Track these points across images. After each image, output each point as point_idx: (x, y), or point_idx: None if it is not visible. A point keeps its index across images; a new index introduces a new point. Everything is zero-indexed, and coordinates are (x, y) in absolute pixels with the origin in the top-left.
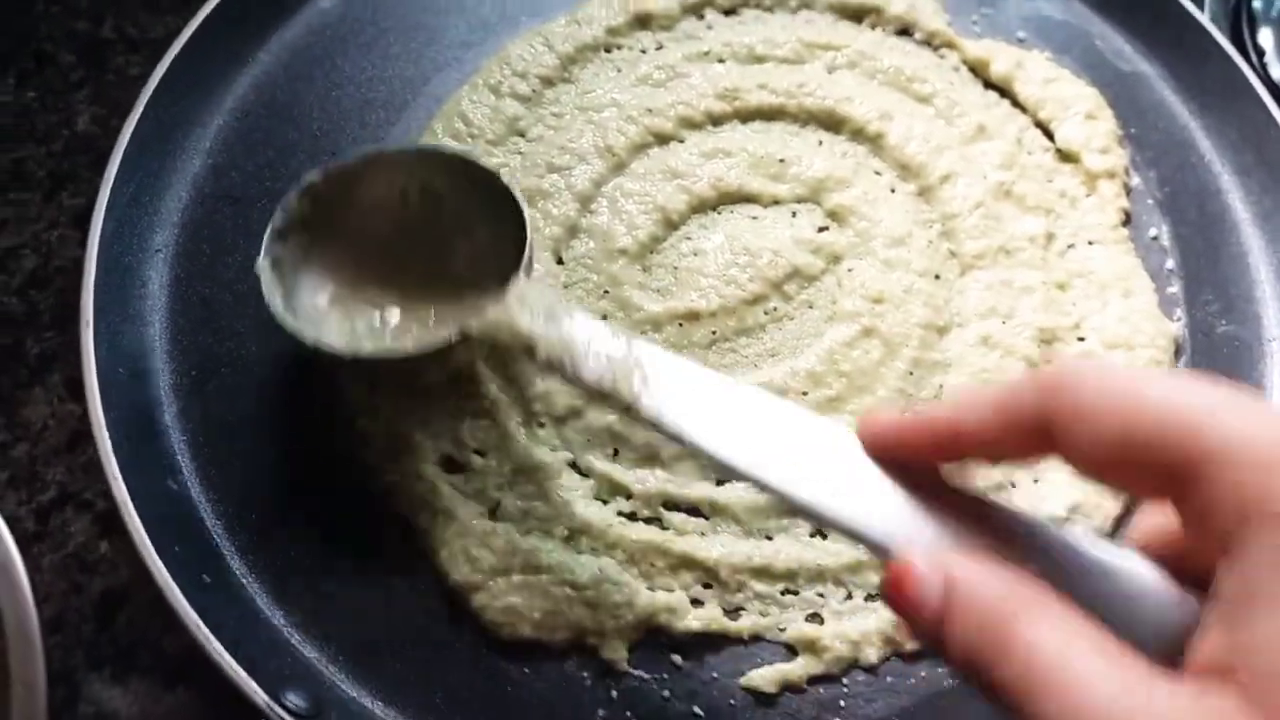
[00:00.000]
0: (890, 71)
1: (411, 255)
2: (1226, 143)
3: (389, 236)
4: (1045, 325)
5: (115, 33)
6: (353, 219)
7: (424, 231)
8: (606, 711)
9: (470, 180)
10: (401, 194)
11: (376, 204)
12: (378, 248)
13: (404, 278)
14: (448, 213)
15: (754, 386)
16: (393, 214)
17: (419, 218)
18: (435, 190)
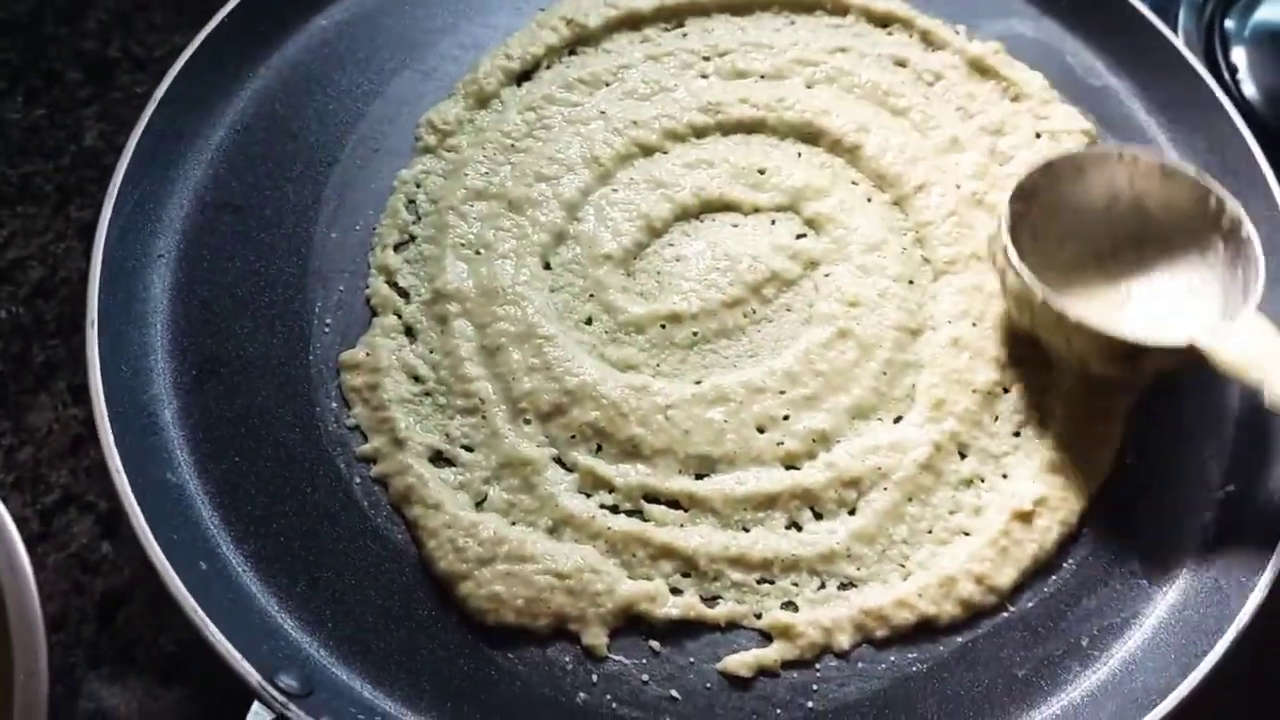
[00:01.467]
0: (867, 86)
1: (1112, 268)
2: (1194, 153)
3: (1087, 240)
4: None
5: (121, 52)
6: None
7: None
8: (587, 695)
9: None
10: (1110, 201)
11: (1086, 207)
12: (1077, 250)
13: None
14: (1154, 233)
15: None
16: (1099, 221)
17: (1120, 228)
18: (1145, 208)
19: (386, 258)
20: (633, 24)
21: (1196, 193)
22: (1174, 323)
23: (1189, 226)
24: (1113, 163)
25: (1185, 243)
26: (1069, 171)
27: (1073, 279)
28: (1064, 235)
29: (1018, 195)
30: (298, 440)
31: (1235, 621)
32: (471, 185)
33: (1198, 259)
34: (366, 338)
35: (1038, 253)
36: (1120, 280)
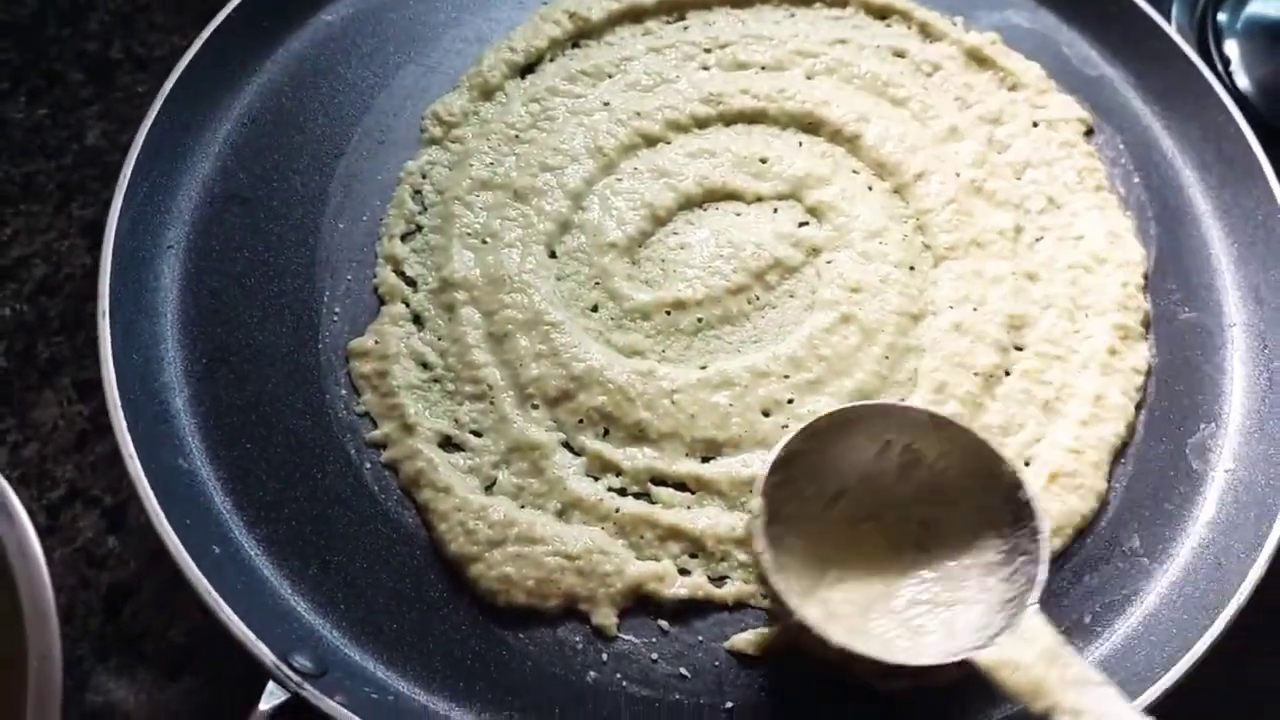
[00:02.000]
0: (867, 77)
1: (888, 522)
2: (1188, 141)
3: (864, 497)
4: (1014, 312)
5: (123, 52)
6: (835, 467)
7: (903, 499)
8: (598, 674)
9: (967, 457)
10: (882, 449)
11: (859, 459)
12: (852, 508)
13: (877, 548)
14: (929, 484)
15: None
16: (870, 473)
17: (899, 484)
18: (918, 454)
19: (393, 247)
20: (634, 17)
21: (974, 448)
22: (948, 624)
23: (966, 485)
24: (878, 419)
25: (966, 507)
26: (834, 433)
27: (838, 558)
28: (827, 505)
29: (778, 466)
30: (308, 427)
31: (1235, 598)
32: (477, 176)
33: (979, 526)
34: (375, 326)
35: (804, 521)
36: (890, 561)
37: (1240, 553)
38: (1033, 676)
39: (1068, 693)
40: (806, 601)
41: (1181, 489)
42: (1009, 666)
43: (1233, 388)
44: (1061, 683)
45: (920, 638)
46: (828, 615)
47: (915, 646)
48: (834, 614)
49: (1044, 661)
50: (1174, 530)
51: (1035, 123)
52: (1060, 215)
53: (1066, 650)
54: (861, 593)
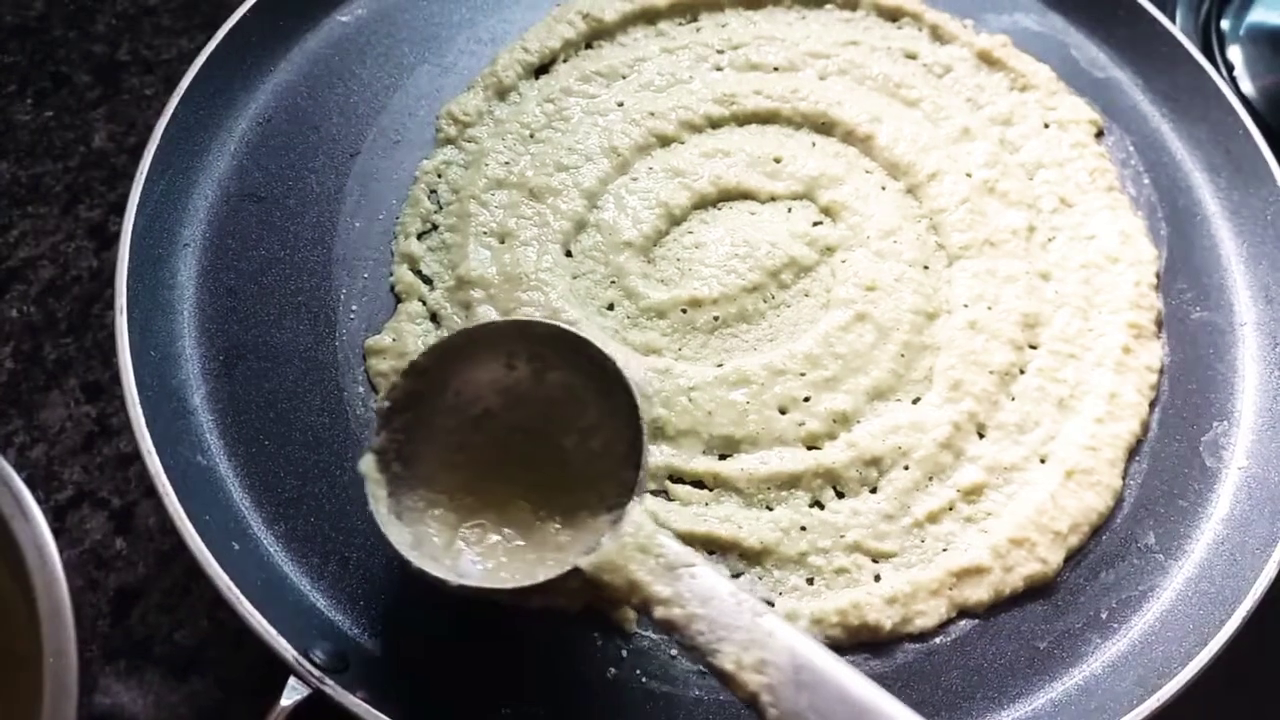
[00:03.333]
0: (879, 78)
1: (519, 442)
2: (1196, 142)
3: (496, 420)
4: (1028, 310)
5: (130, 55)
6: (458, 398)
7: (531, 414)
8: (617, 670)
9: (583, 365)
10: (507, 365)
11: (481, 381)
12: (484, 437)
13: (511, 470)
14: (557, 396)
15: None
16: (497, 392)
17: (527, 397)
18: (543, 363)
19: (410, 246)
20: (648, 18)
21: (580, 345)
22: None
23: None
24: (489, 337)
25: (595, 408)
26: (450, 361)
27: (494, 479)
28: (472, 430)
29: (394, 410)
30: (326, 424)
31: (1251, 594)
32: (492, 175)
33: (603, 426)
34: (392, 323)
35: (448, 453)
36: (537, 472)
37: (1255, 548)
38: (627, 573)
39: (658, 582)
40: (459, 534)
41: (1196, 486)
42: (608, 568)
43: (1245, 385)
44: (654, 573)
45: (557, 554)
46: (486, 550)
47: (540, 563)
48: (467, 542)
49: (638, 554)
50: (1189, 527)
51: (1046, 124)
52: (1072, 215)
53: (662, 536)
54: (517, 512)
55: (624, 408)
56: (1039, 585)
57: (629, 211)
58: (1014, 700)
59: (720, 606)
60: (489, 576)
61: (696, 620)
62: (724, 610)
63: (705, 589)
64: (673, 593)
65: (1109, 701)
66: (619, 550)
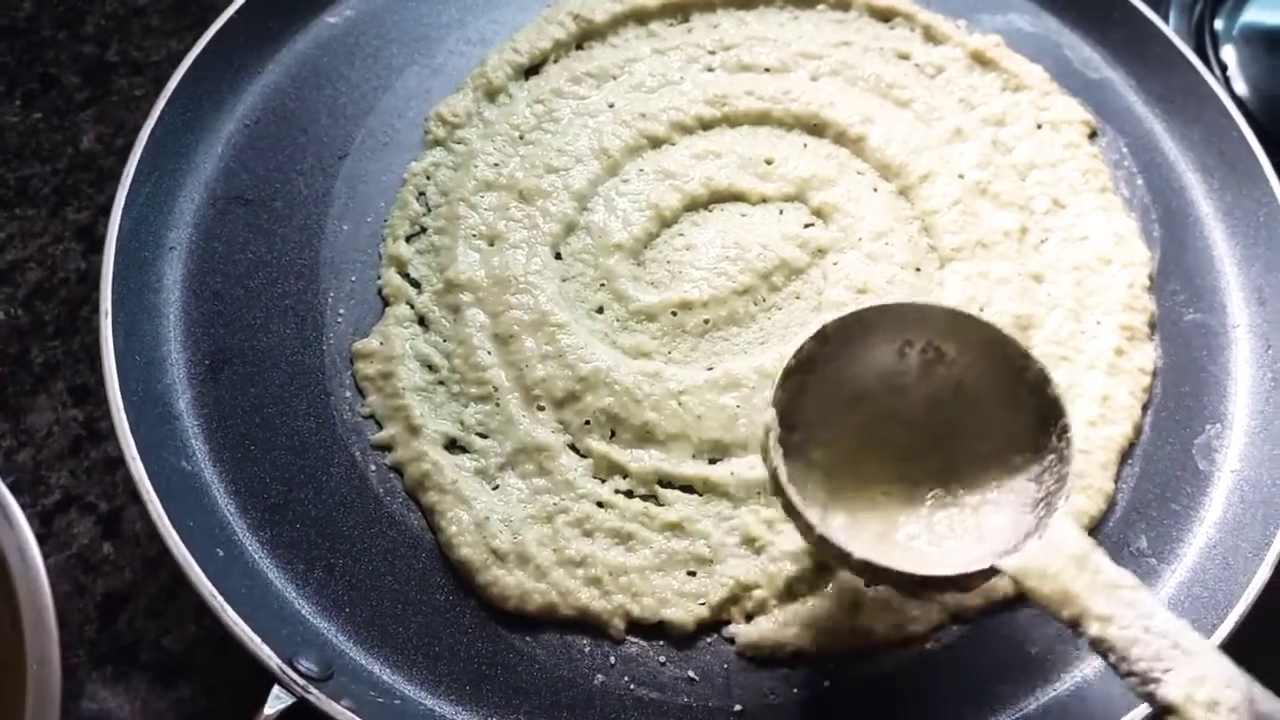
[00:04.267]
0: (871, 79)
1: (895, 431)
2: (1190, 144)
3: (873, 404)
4: (1021, 313)
5: (119, 56)
6: (844, 373)
7: (910, 406)
8: (605, 677)
9: (992, 357)
10: (899, 351)
11: (871, 360)
12: (860, 419)
13: (884, 457)
14: (942, 395)
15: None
16: (881, 376)
17: (909, 389)
18: (937, 356)
19: (398, 248)
20: (639, 19)
21: (996, 344)
22: (976, 528)
23: (989, 384)
24: (894, 319)
25: (989, 406)
26: (851, 334)
27: (862, 462)
28: (848, 409)
29: (794, 369)
30: (312, 429)
31: (1244, 598)
32: (481, 177)
33: (1004, 425)
34: (380, 327)
35: (823, 427)
36: (914, 465)
37: (1248, 552)
38: (1060, 583)
39: (1096, 598)
40: (831, 512)
41: (1188, 489)
42: (1036, 574)
43: (1237, 388)
44: (1090, 589)
45: (948, 543)
46: (853, 523)
47: (943, 553)
48: (859, 521)
49: (1073, 567)
50: (1181, 531)
51: (1039, 125)
52: (1065, 216)
53: (1097, 554)
54: (887, 498)
55: (1032, 413)
56: None
57: (619, 213)
58: (1005, 705)
59: (1163, 633)
60: (890, 556)
61: (1139, 644)
62: (1168, 637)
63: (1148, 612)
64: (1112, 611)
65: (1101, 706)
66: (1049, 556)
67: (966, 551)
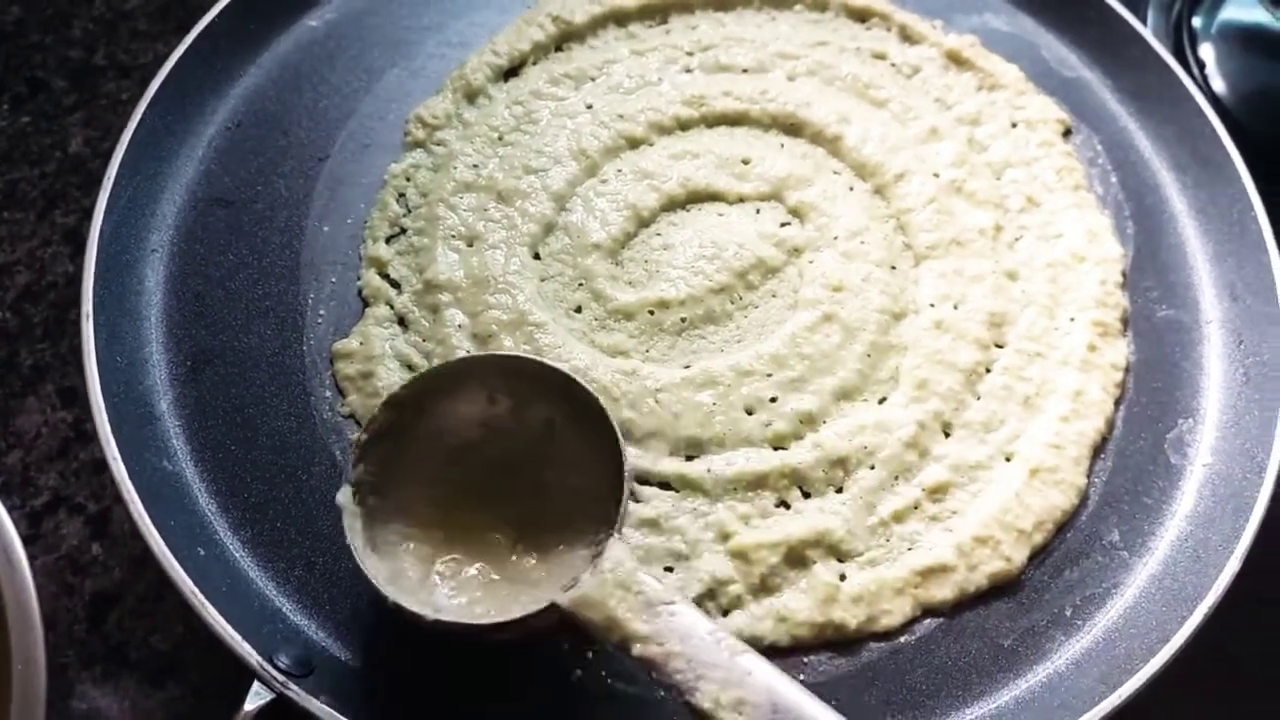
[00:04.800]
0: (848, 78)
1: (498, 476)
2: (1164, 142)
3: (474, 453)
4: (995, 310)
5: (107, 60)
6: (437, 430)
7: (511, 448)
8: (583, 672)
9: (565, 401)
10: (488, 399)
11: (461, 414)
12: (462, 470)
13: (488, 504)
14: (538, 432)
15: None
16: (477, 425)
17: (508, 431)
18: (524, 398)
19: (378, 250)
20: (618, 20)
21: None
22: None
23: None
24: (478, 370)
25: (569, 439)
26: (437, 394)
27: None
28: (448, 462)
29: (371, 442)
30: (293, 429)
31: (1214, 590)
32: (460, 178)
33: (584, 459)
34: (359, 327)
35: (417, 485)
36: (516, 510)
37: (1218, 545)
38: (606, 609)
39: (638, 619)
40: (434, 567)
41: (1160, 483)
42: (587, 604)
43: (1210, 383)
44: (633, 610)
45: (533, 589)
46: (459, 576)
47: (515, 597)
48: (442, 576)
49: (618, 591)
50: (1153, 524)
51: (1014, 123)
52: (1039, 214)
53: (639, 576)
54: (497, 546)
55: (606, 445)
56: (1003, 583)
57: (597, 214)
58: (978, 698)
59: (699, 644)
60: (464, 611)
61: (675, 658)
62: (702, 648)
63: (684, 627)
64: (651, 630)
65: (1072, 698)
66: (598, 586)
67: (546, 594)
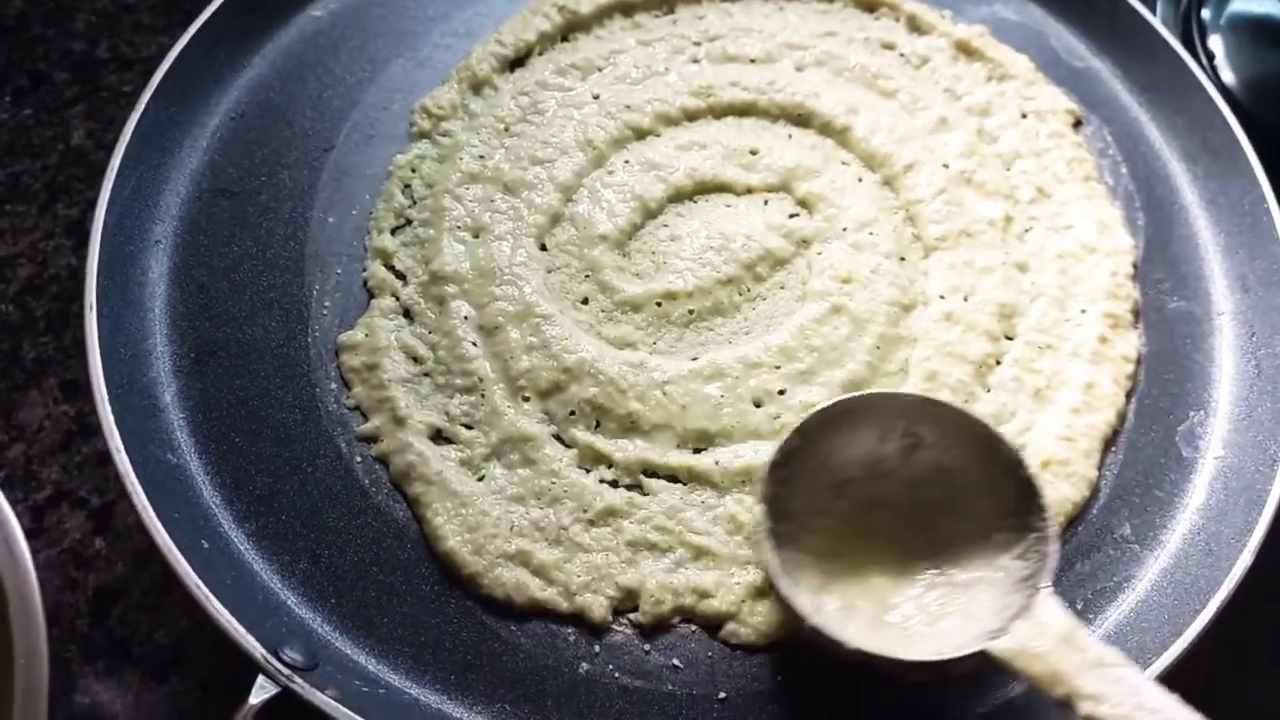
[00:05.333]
0: (856, 69)
1: (880, 516)
2: (1174, 132)
3: (858, 489)
4: (1005, 301)
5: (109, 52)
6: (827, 461)
7: (894, 491)
8: (590, 665)
9: (965, 438)
10: (879, 438)
11: (852, 448)
12: (846, 504)
13: (872, 542)
14: (926, 476)
15: None
16: (865, 464)
17: (892, 473)
18: (916, 441)
19: (383, 241)
20: (624, 10)
21: (969, 428)
22: (966, 608)
23: (968, 466)
24: (872, 408)
25: (970, 486)
26: (833, 425)
27: (852, 547)
28: (834, 496)
29: (779, 463)
30: (298, 421)
31: (1226, 583)
32: (466, 169)
33: (986, 504)
34: (365, 319)
35: (812, 516)
36: (903, 546)
37: (1230, 538)
38: (1049, 663)
39: (1086, 677)
40: (823, 596)
41: (1172, 476)
42: (1025, 655)
43: (1221, 375)
44: (1079, 667)
45: (941, 622)
46: (845, 608)
47: (936, 632)
48: (852, 606)
49: (1060, 647)
50: (1165, 517)
51: (1024, 114)
52: (1049, 205)
53: (1081, 633)
54: (880, 581)
55: (1011, 493)
56: None
57: (604, 205)
58: (988, 690)
59: (1154, 709)
60: (883, 640)
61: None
62: (1158, 713)
63: (1135, 688)
64: (1100, 690)
65: None
66: (1037, 637)
67: (960, 630)
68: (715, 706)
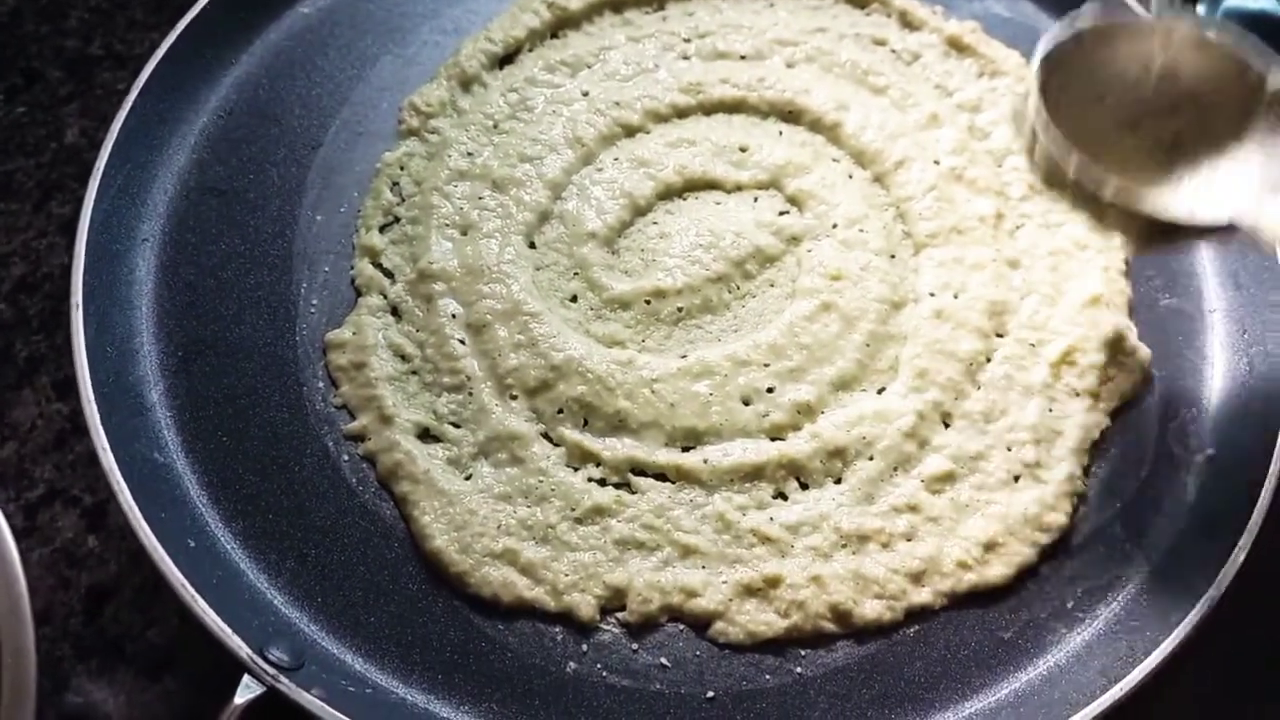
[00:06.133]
0: (846, 65)
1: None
2: None
3: (1122, 105)
4: (995, 298)
5: (103, 49)
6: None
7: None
8: (578, 664)
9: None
10: (1144, 62)
11: (1116, 70)
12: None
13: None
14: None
15: None
16: (1128, 84)
17: (1155, 95)
18: (1175, 70)
19: (371, 239)
20: (614, 7)
21: (1234, 64)
22: (1212, 195)
23: (1226, 97)
24: (1146, 33)
25: (1222, 113)
26: (1099, 41)
27: (1103, 150)
28: (1092, 106)
29: (1045, 63)
30: (285, 419)
31: (1216, 583)
32: (455, 166)
33: (1236, 129)
34: (352, 317)
35: (1065, 122)
36: (1153, 151)
37: (1221, 536)
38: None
39: None
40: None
41: (1163, 474)
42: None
43: (1213, 373)
44: None
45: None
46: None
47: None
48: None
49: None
50: (1155, 515)
51: None
52: (1041, 202)
53: None
54: (1135, 163)
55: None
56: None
57: (593, 202)
58: (977, 690)
59: None
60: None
61: None
62: None
63: None
64: None
65: (1073, 691)
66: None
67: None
68: (703, 705)
